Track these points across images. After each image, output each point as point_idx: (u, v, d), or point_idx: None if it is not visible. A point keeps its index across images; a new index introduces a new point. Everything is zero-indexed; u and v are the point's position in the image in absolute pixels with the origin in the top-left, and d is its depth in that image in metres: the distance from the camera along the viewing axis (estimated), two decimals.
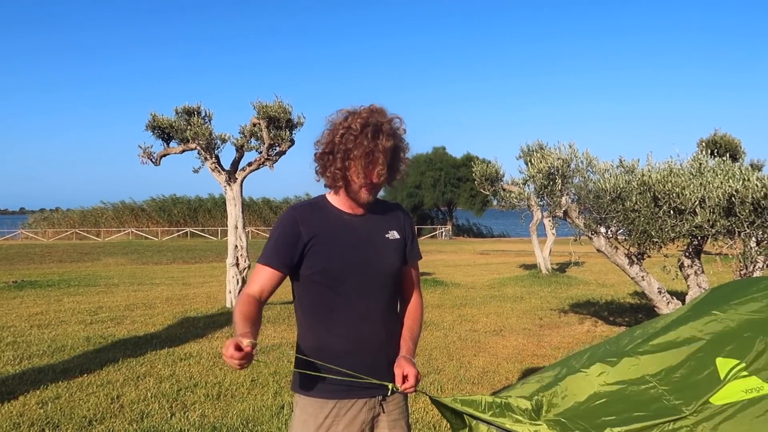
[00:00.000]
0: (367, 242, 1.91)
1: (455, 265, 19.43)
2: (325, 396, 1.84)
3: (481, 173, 10.49)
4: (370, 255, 1.90)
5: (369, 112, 1.82)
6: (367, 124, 1.79)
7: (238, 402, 4.65)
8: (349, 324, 1.86)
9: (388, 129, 1.82)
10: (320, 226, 1.86)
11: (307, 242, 1.84)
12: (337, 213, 1.91)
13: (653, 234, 5.47)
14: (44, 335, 7.31)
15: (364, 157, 1.78)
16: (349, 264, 1.86)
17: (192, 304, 9.99)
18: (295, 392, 1.92)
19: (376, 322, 1.90)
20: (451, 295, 11.23)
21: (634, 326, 2.31)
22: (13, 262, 20.19)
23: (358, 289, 1.87)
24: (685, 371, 1.87)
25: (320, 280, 1.85)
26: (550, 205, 6.10)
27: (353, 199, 1.89)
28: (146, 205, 46.06)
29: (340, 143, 1.80)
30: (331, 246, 1.85)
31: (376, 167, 1.80)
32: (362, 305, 1.88)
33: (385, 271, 1.93)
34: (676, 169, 5.57)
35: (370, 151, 1.78)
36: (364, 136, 1.77)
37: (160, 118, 9.39)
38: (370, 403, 1.88)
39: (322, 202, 1.94)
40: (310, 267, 1.85)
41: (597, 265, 17.38)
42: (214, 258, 22.37)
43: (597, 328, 7.76)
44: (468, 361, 5.98)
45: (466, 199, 46.10)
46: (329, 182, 1.88)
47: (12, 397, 4.72)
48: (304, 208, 1.90)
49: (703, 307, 2.17)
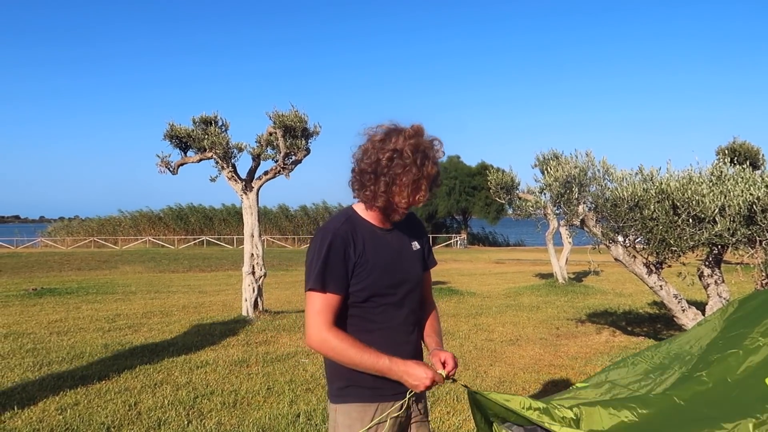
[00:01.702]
0: (400, 255, 1.96)
1: (470, 274, 19.35)
2: (366, 400, 1.87)
3: (496, 182, 10.47)
4: (405, 267, 1.95)
5: (416, 136, 1.82)
6: (417, 151, 1.80)
7: (254, 410, 4.66)
8: (387, 334, 1.90)
9: (433, 156, 1.84)
10: (362, 244, 1.87)
11: (356, 262, 1.85)
12: (370, 228, 1.92)
13: (672, 242, 5.40)
14: (63, 342, 7.39)
15: (411, 184, 1.82)
16: (389, 278, 1.90)
17: (208, 312, 10.05)
18: (332, 402, 1.94)
19: (409, 329, 1.97)
20: (466, 304, 11.18)
21: (665, 346, 2.24)
22: (33, 270, 20.48)
23: (395, 301, 1.92)
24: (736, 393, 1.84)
25: (362, 296, 1.87)
26: (566, 214, 6.06)
27: (385, 216, 1.92)
28: (163, 213, 46.56)
29: (387, 167, 1.80)
30: (373, 263, 1.87)
31: (419, 193, 1.84)
32: (398, 315, 1.93)
33: (416, 281, 2.00)
34: (695, 177, 5.51)
35: (418, 178, 1.81)
36: (413, 163, 1.79)
37: (178, 127, 9.50)
38: (405, 406, 1.92)
39: (355, 217, 1.93)
40: (355, 284, 1.86)
41: (614, 275, 17.20)
42: (230, 266, 22.50)
43: (615, 338, 7.67)
44: (484, 371, 5.94)
45: (481, 207, 45.95)
46: (366, 199, 1.87)
47: (32, 403, 4.78)
48: (345, 228, 1.87)
49: (741, 328, 2.13)
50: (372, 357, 1.79)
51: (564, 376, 5.72)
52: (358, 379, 1.86)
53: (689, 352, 2.20)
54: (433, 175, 1.85)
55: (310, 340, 1.83)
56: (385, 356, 1.80)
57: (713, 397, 1.87)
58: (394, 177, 1.80)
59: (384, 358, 1.80)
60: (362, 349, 1.79)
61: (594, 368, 5.94)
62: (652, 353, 2.32)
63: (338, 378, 1.90)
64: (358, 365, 1.80)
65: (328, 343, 1.80)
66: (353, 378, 1.86)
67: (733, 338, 2.10)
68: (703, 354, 2.12)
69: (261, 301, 9.64)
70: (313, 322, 1.82)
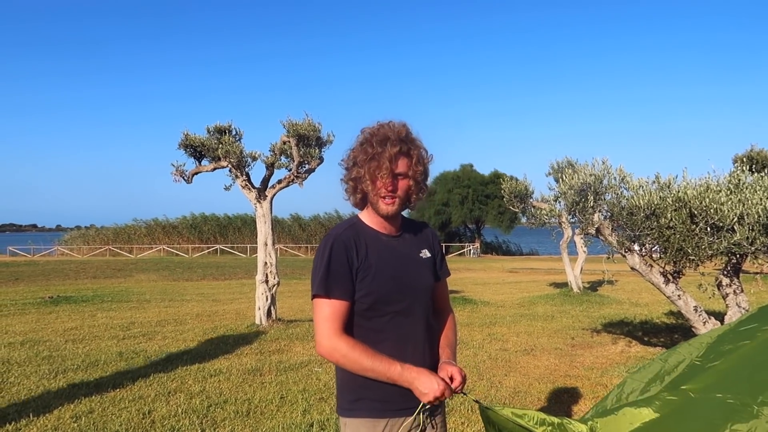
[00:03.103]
0: (406, 262, 1.92)
1: (484, 283, 19.24)
2: (376, 415, 1.83)
3: (510, 190, 10.42)
4: (411, 275, 1.91)
5: (379, 124, 1.87)
6: (374, 134, 1.84)
7: (267, 419, 4.64)
8: (394, 344, 1.85)
9: (398, 137, 1.83)
10: (365, 250, 1.85)
11: (358, 267, 1.82)
12: (374, 234, 1.90)
13: (690, 251, 5.33)
14: (78, 350, 7.44)
15: (369, 162, 1.81)
16: (394, 285, 1.86)
17: (222, 321, 10.08)
18: (341, 415, 1.90)
19: (418, 340, 1.91)
20: (480, 313, 11.10)
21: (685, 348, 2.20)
22: (50, 278, 20.69)
23: (401, 310, 1.87)
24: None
25: (366, 302, 1.83)
26: (582, 222, 6.01)
27: (378, 214, 1.90)
28: (177, 222, 46.93)
29: (355, 157, 1.86)
30: (377, 269, 1.84)
31: (380, 171, 1.81)
32: (406, 325, 1.88)
33: (424, 290, 1.95)
34: (713, 185, 5.44)
35: (377, 154, 1.81)
36: (368, 144, 1.83)
37: (193, 136, 9.57)
38: (418, 419, 1.88)
39: (359, 224, 1.92)
40: (359, 290, 1.83)
41: (630, 284, 17.01)
42: (243, 275, 22.58)
43: (631, 349, 7.56)
44: (498, 381, 5.88)
45: (494, 216, 45.78)
46: (350, 199, 1.91)
47: (47, 411, 4.80)
48: (347, 234, 1.86)
49: (754, 323, 2.08)
50: (384, 363, 1.76)
51: (580, 386, 5.64)
52: (368, 393, 1.82)
53: (698, 341, 2.15)
54: (395, 154, 1.81)
55: (320, 347, 1.80)
56: (398, 363, 1.77)
57: (728, 383, 1.82)
58: (355, 161, 1.85)
59: (396, 364, 1.77)
60: (374, 356, 1.76)
61: (610, 379, 5.85)
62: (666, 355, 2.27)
63: (348, 391, 1.86)
64: (369, 372, 1.76)
65: (338, 350, 1.77)
66: (363, 392, 1.83)
67: (745, 332, 2.05)
68: (714, 344, 2.07)
69: (274, 309, 9.64)
70: (322, 329, 1.79)
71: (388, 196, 1.84)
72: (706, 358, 2.00)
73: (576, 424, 1.77)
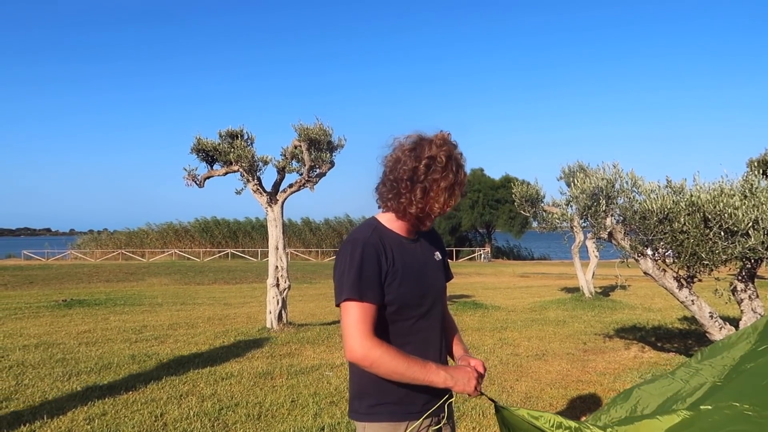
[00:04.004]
0: (426, 265, 1.94)
1: (494, 287, 19.16)
2: (396, 419, 1.81)
3: (521, 194, 10.37)
4: (431, 278, 1.94)
5: (446, 144, 1.84)
6: (452, 157, 1.83)
7: (278, 422, 4.65)
8: (416, 347, 1.84)
9: (463, 163, 1.88)
10: (392, 254, 1.83)
11: (387, 271, 1.80)
12: (397, 238, 1.90)
13: (704, 256, 5.28)
14: (92, 353, 7.50)
15: (447, 190, 1.83)
16: (419, 288, 1.87)
17: (233, 324, 10.11)
18: (357, 420, 1.86)
19: (436, 340, 1.93)
20: (491, 318, 11.06)
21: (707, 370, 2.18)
22: (63, 281, 20.88)
23: (422, 312, 1.88)
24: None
25: (393, 307, 1.82)
26: (594, 227, 5.97)
27: (414, 225, 1.91)
28: (190, 226, 47.19)
29: (424, 174, 1.81)
30: (403, 273, 1.83)
31: (453, 199, 1.86)
32: (426, 327, 1.89)
33: (440, 292, 1.99)
34: (726, 190, 5.39)
35: (453, 184, 1.83)
36: (450, 169, 1.82)
37: (205, 141, 9.64)
38: (435, 420, 1.88)
39: (381, 227, 1.90)
40: (387, 295, 1.80)
41: (642, 289, 16.88)
42: (254, 279, 22.65)
43: (644, 354, 7.50)
44: (510, 386, 5.85)
45: (505, 220, 45.63)
46: (401, 207, 1.85)
47: (61, 413, 4.84)
48: (375, 237, 1.83)
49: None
50: (418, 364, 1.74)
51: (592, 392, 5.60)
52: (389, 397, 1.81)
53: (721, 363, 2.13)
54: (464, 181, 1.88)
55: (353, 353, 1.71)
56: (431, 362, 1.77)
57: (746, 394, 1.80)
58: (431, 183, 1.81)
59: (431, 364, 1.77)
60: (407, 358, 1.73)
61: (623, 384, 5.80)
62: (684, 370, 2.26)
63: (367, 395, 1.84)
64: (404, 374, 1.72)
65: (372, 354, 1.70)
66: (384, 395, 1.81)
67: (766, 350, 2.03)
68: (736, 366, 2.05)
69: (285, 313, 9.66)
70: (353, 334, 1.71)
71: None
72: (729, 378, 1.99)
73: (594, 429, 1.76)
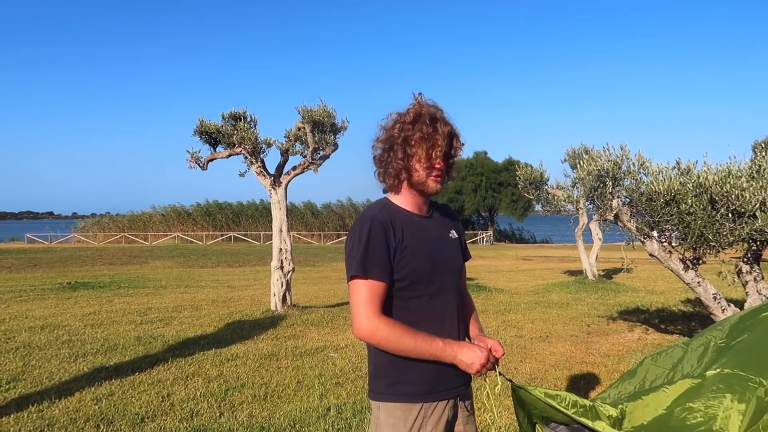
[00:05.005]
0: (440, 242, 1.92)
1: (498, 270, 19.19)
2: (411, 400, 1.81)
3: (525, 177, 10.35)
4: (444, 255, 1.91)
5: (419, 104, 1.85)
6: (421, 114, 1.82)
7: (284, 403, 4.67)
8: (431, 324, 1.83)
9: (442, 116, 1.84)
10: (401, 230, 1.82)
11: (396, 248, 1.79)
12: (408, 215, 1.88)
13: (711, 238, 5.25)
14: (97, 334, 7.54)
15: (425, 141, 1.79)
16: (430, 266, 1.84)
17: (237, 307, 10.15)
18: (373, 399, 1.87)
19: (452, 319, 1.91)
20: (494, 300, 11.08)
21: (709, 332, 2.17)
22: (67, 264, 20.95)
23: (437, 290, 1.86)
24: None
25: (404, 284, 1.81)
26: (600, 209, 5.95)
27: (420, 192, 1.87)
28: (192, 209, 47.22)
29: (398, 136, 1.81)
30: (413, 250, 1.82)
31: (435, 149, 1.80)
32: (440, 305, 1.87)
33: (456, 270, 1.96)
34: (734, 171, 5.35)
35: (430, 134, 1.79)
36: (422, 122, 1.80)
37: (208, 123, 9.59)
38: (451, 403, 1.87)
39: (391, 206, 1.89)
40: (397, 272, 1.79)
41: (645, 272, 16.88)
42: (257, 262, 22.71)
43: (648, 336, 7.51)
44: (514, 368, 5.87)
45: (508, 204, 45.60)
46: (391, 180, 1.86)
47: (69, 394, 4.88)
48: (383, 214, 1.82)
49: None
50: (425, 341, 1.74)
51: (596, 373, 5.62)
52: (406, 377, 1.81)
53: (723, 327, 2.13)
54: (447, 133, 1.82)
55: (360, 330, 1.74)
56: (438, 338, 1.76)
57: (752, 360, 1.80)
58: (406, 140, 1.80)
59: (437, 340, 1.76)
60: (414, 334, 1.74)
61: (627, 366, 5.82)
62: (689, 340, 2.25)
63: (384, 375, 1.84)
64: (412, 351, 1.74)
65: (379, 331, 1.73)
66: (400, 375, 1.82)
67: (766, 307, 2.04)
68: (736, 323, 2.05)
69: (289, 295, 9.69)
70: (361, 311, 1.74)
71: (439, 174, 1.84)
72: (731, 337, 1.98)
73: (607, 407, 1.77)
